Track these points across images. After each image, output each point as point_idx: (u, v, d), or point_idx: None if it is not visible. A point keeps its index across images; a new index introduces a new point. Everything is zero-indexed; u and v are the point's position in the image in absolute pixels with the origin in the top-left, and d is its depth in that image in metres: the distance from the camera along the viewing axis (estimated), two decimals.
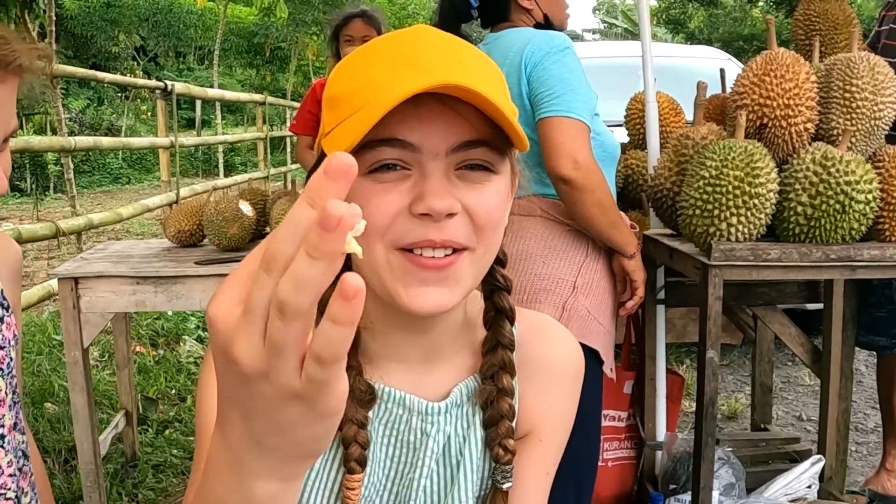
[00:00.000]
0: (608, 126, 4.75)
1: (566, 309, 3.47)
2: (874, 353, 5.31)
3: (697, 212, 3.41)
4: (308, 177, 1.48)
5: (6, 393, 1.66)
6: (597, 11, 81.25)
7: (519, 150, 1.42)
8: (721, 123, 4.10)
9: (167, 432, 6.06)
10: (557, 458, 1.72)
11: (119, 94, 32.55)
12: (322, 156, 1.42)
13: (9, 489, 1.67)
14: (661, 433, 4.51)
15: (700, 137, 3.83)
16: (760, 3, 38.54)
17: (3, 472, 1.65)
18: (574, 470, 2.82)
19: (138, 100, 31.44)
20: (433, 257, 1.37)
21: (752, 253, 3.38)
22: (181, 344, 7.95)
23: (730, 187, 3.31)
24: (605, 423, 4.50)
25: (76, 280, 4.25)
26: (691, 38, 39.40)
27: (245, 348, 0.76)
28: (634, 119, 4.78)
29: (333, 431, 0.85)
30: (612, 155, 3.77)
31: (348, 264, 1.51)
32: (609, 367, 3.64)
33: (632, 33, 48.34)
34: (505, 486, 1.60)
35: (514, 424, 1.61)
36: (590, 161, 3.45)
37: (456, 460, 1.59)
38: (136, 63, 36.08)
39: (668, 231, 4.07)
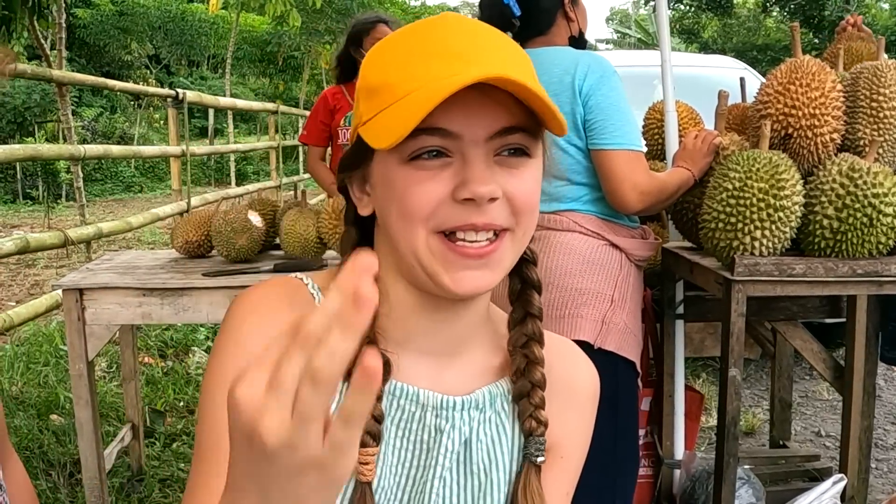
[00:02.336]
0: None
1: (605, 322, 3.43)
2: (893, 367, 5.22)
3: (720, 225, 3.32)
4: (342, 168, 1.54)
5: None
6: (610, 21, 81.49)
7: (557, 134, 1.40)
8: (742, 133, 4.02)
9: (174, 445, 5.98)
10: (576, 479, 1.69)
11: (131, 103, 32.60)
12: (359, 142, 1.42)
13: None
14: (680, 451, 4.42)
15: (721, 148, 3.74)
16: (774, 13, 38.61)
17: None
18: (617, 484, 2.75)
19: (151, 108, 31.47)
20: (475, 242, 1.38)
21: (777, 268, 3.28)
22: (190, 355, 7.88)
23: (754, 199, 3.22)
24: None
25: (81, 291, 4.17)
26: (705, 48, 39.48)
27: (273, 423, 0.80)
28: (653, 129, 4.69)
29: (338, 495, 0.91)
30: None
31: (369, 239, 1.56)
32: (640, 380, 3.62)
33: (645, 43, 48.39)
34: (539, 461, 1.56)
35: (543, 395, 1.57)
36: (650, 185, 3.50)
37: (482, 467, 1.55)
38: (148, 71, 36.17)
39: (689, 244, 3.99)
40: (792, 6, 34.91)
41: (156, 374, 7.29)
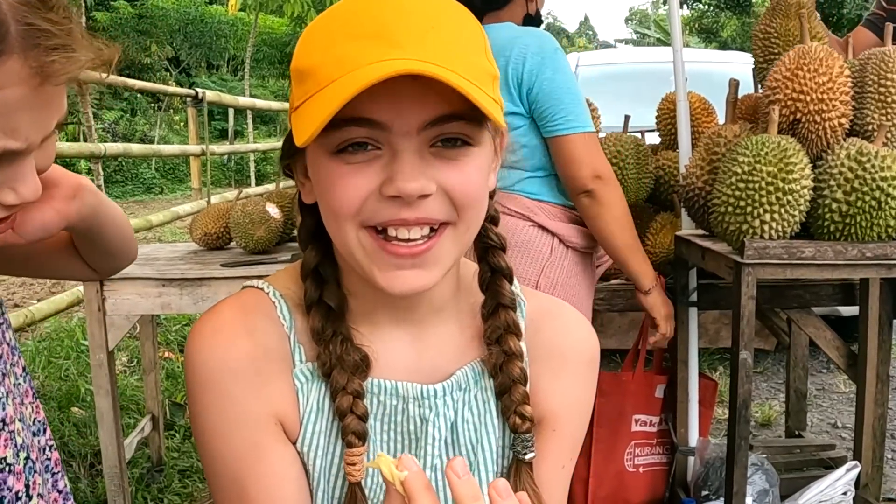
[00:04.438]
0: (641, 131, 4.74)
1: None
2: None
3: (730, 209, 3.36)
4: (283, 154, 1.52)
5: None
6: (629, 21, 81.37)
7: (496, 125, 1.37)
8: (753, 123, 4.05)
9: (193, 438, 6.03)
10: (574, 451, 1.67)
11: (152, 105, 32.71)
12: (290, 132, 1.39)
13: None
14: (694, 438, 4.45)
15: (732, 135, 3.78)
16: None
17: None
18: None
19: (171, 110, 31.57)
20: (408, 240, 1.34)
21: (786, 251, 3.32)
22: None
23: (763, 183, 3.26)
24: (636, 427, 4.48)
25: (101, 282, 4.22)
26: (724, 47, 39.38)
27: None
28: (665, 119, 4.73)
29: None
30: None
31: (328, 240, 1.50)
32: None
33: (664, 43, 48.26)
34: (527, 457, 1.54)
35: (528, 389, 1.55)
36: (610, 174, 3.57)
37: (470, 447, 1.55)
38: (168, 74, 36.29)
39: (701, 231, 4.01)
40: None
41: (175, 368, 7.36)
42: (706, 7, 40.03)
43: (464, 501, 1.05)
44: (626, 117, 4.77)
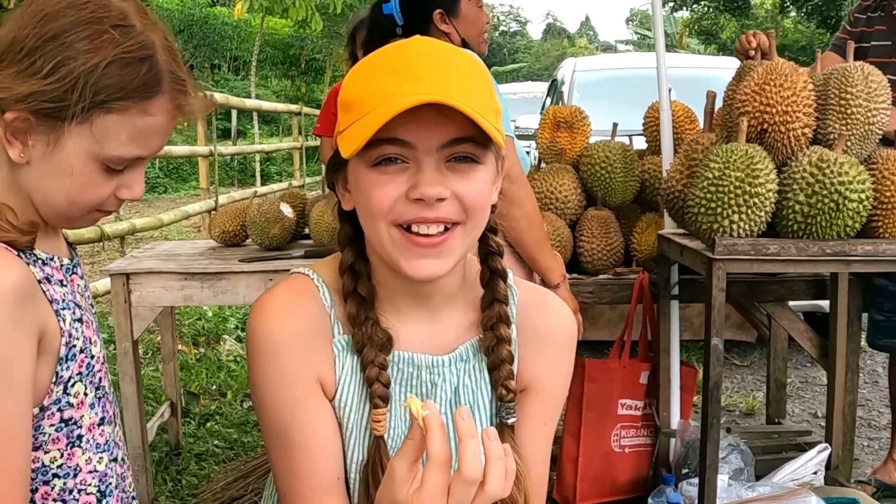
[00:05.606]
0: (630, 135, 5.07)
1: None
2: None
3: (702, 210, 3.69)
4: (329, 169, 1.89)
5: (86, 394, 1.97)
6: (630, 22, 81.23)
7: (498, 146, 1.75)
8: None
9: (209, 424, 6.34)
10: (555, 412, 2.05)
11: None
12: (337, 151, 1.77)
13: (89, 485, 1.97)
14: (675, 421, 4.75)
15: (709, 143, 4.11)
16: (792, 14, 38.60)
17: (81, 470, 1.95)
18: None
19: None
20: (427, 234, 1.71)
21: (753, 248, 3.65)
22: (221, 343, 8.25)
23: (731, 187, 3.59)
24: (622, 411, 4.77)
25: (127, 276, 4.56)
26: (723, 49, 39.48)
27: None
28: (651, 126, 5.05)
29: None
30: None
31: (361, 243, 1.90)
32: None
33: (665, 44, 48.43)
34: (510, 421, 1.92)
35: (513, 368, 1.93)
36: (521, 175, 3.84)
37: (469, 409, 1.89)
38: None
39: (680, 230, 4.32)
40: (809, 7, 34.93)
41: (189, 360, 7.67)
42: (705, 9, 40.13)
43: (464, 436, 1.42)
44: (615, 125, 5.12)
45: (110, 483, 2.00)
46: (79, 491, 1.94)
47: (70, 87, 1.70)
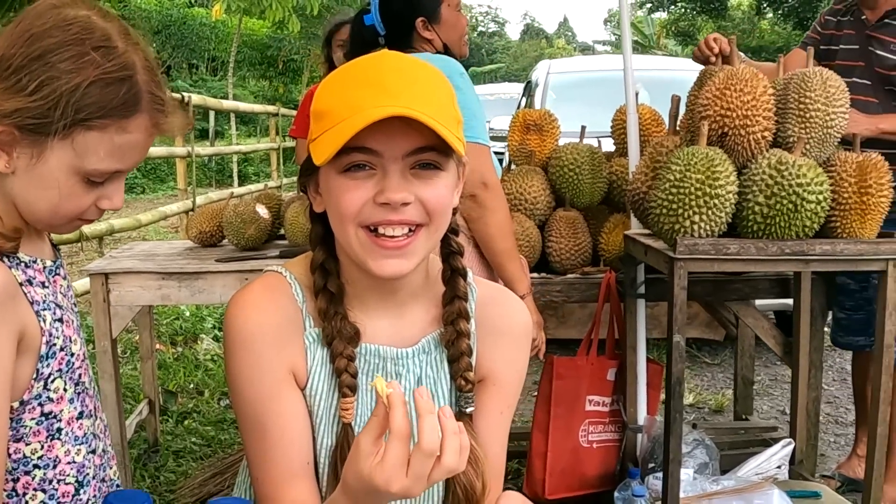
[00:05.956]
0: (603, 137, 5.19)
1: None
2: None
3: (665, 211, 3.80)
4: (301, 174, 2.01)
5: (65, 389, 2.09)
6: (608, 23, 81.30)
7: (459, 154, 1.89)
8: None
9: (186, 422, 6.43)
10: (511, 402, 2.19)
11: None
12: (310, 154, 1.90)
13: (67, 475, 2.09)
14: (642, 417, 4.86)
15: (673, 145, 4.21)
16: (769, 15, 38.78)
17: (60, 461, 2.07)
18: None
19: None
20: (393, 236, 1.84)
21: (714, 248, 3.76)
22: (199, 342, 8.35)
23: (692, 189, 3.70)
24: (589, 407, 4.86)
25: (106, 276, 4.64)
26: None
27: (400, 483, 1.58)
28: (619, 129, 5.16)
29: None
30: None
31: (331, 243, 2.03)
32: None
33: (641, 45, 48.51)
34: (468, 410, 2.06)
35: (472, 360, 2.06)
36: (497, 183, 3.95)
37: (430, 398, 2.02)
38: None
39: (646, 231, 4.43)
40: (786, 8, 35.17)
41: (167, 359, 7.77)
42: (683, 10, 40.30)
43: (422, 412, 1.55)
44: (583, 127, 5.24)
45: (88, 473, 2.13)
46: (58, 481, 2.06)
47: (53, 105, 1.82)
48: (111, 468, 2.29)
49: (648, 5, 43.18)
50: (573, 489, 4.92)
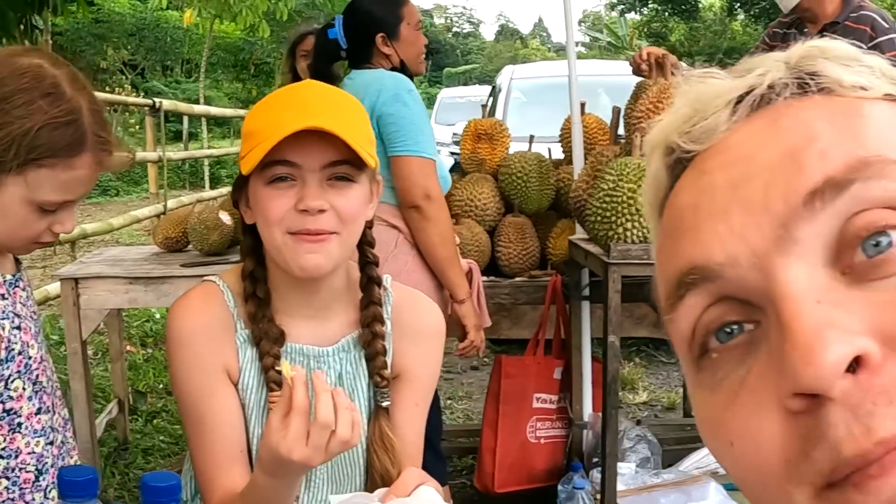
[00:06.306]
0: (549, 146, 5.41)
1: None
2: None
3: (599, 218, 4.03)
4: (233, 189, 2.26)
5: (24, 388, 2.34)
6: (582, 24, 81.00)
7: (370, 167, 2.14)
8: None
9: (155, 421, 6.65)
10: (426, 395, 2.43)
11: (108, 108, 32.78)
12: (240, 173, 2.16)
13: (28, 464, 2.33)
14: (587, 414, 5.08)
15: (613, 155, 4.43)
16: (740, 17, 39.00)
17: (21, 452, 2.31)
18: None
19: (126, 113, 31.72)
20: (311, 236, 2.06)
21: (645, 253, 3.95)
22: None
23: (624, 198, 3.92)
24: (537, 405, 5.08)
25: (76, 280, 4.85)
26: (672, 52, 39.71)
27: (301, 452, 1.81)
28: (566, 137, 5.37)
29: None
30: (443, 189, 4.37)
31: (260, 252, 2.27)
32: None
33: (615, 46, 48.64)
34: (384, 404, 2.30)
35: (387, 359, 2.30)
36: (440, 196, 4.18)
37: (350, 393, 2.27)
38: (124, 77, 36.41)
39: (588, 236, 4.66)
40: (756, 10, 35.39)
41: (137, 360, 7.98)
42: (655, 12, 40.48)
43: (319, 391, 1.81)
44: (531, 137, 5.48)
45: (46, 462, 2.37)
46: (20, 469, 2.30)
47: (7, 147, 2.07)
48: (72, 458, 2.54)
49: (621, 7, 43.33)
50: (522, 483, 5.13)
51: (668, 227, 0.85)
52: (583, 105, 5.25)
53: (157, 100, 14.01)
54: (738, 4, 36.65)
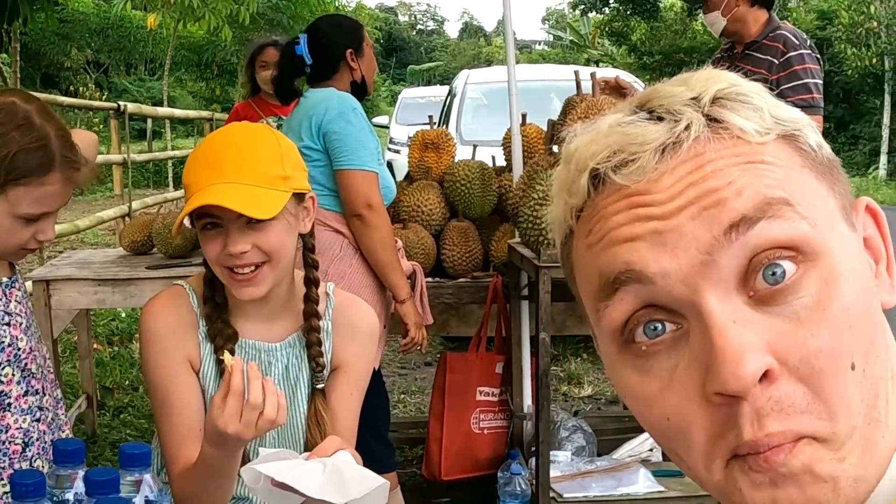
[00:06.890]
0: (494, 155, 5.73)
1: None
2: None
3: (531, 225, 4.37)
4: (179, 224, 2.61)
5: (13, 374, 2.72)
6: (546, 21, 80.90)
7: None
8: None
9: (122, 416, 6.94)
10: (359, 384, 2.80)
11: (71, 109, 32.76)
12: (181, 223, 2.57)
13: (16, 438, 2.72)
14: (527, 406, 5.40)
15: (549, 165, 4.72)
16: (700, 17, 39.20)
17: (10, 428, 2.70)
18: (371, 415, 3.49)
19: (90, 112, 31.70)
20: (243, 273, 2.42)
21: None
22: (134, 342, 8.80)
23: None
24: (480, 397, 5.40)
25: (48, 282, 5.20)
26: (634, 51, 40.09)
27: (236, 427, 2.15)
28: (508, 146, 5.70)
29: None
30: (387, 198, 4.69)
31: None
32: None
33: (578, 45, 48.93)
34: (319, 386, 2.68)
35: (323, 350, 2.67)
36: (380, 205, 4.46)
37: (294, 381, 2.68)
38: (87, 76, 36.43)
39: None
40: None
41: (104, 358, 8.25)
42: (616, 12, 40.66)
43: (252, 378, 2.15)
44: (474, 146, 5.85)
45: (32, 436, 2.77)
46: (9, 442, 2.71)
47: None
48: (63, 432, 2.95)
49: (582, 6, 43.60)
50: (467, 471, 5.44)
51: (600, 233, 1.00)
52: (524, 115, 5.60)
53: (121, 103, 14.23)
54: (698, 5, 36.84)
